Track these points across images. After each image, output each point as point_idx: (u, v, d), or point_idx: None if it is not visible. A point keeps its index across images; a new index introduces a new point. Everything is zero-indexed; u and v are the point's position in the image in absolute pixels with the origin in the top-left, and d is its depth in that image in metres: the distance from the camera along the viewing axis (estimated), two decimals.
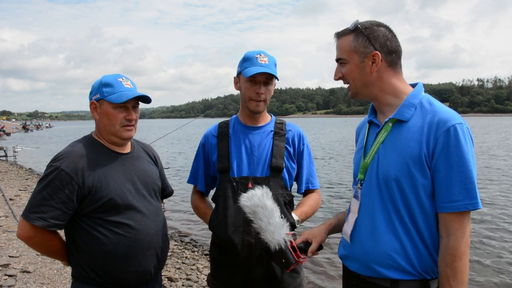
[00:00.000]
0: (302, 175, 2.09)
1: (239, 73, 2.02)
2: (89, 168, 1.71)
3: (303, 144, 2.10)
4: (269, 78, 1.96)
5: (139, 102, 1.87)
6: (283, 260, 1.66)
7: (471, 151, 1.35)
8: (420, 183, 1.38)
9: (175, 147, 28.53)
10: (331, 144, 28.15)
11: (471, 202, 1.33)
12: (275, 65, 2.01)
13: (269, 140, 2.02)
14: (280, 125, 2.08)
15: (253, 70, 1.91)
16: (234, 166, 1.98)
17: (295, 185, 2.14)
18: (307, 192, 2.14)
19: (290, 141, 2.05)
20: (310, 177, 2.12)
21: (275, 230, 1.65)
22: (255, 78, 1.94)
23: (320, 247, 1.73)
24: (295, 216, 1.95)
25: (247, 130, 2.05)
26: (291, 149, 2.04)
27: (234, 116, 2.15)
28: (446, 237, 1.36)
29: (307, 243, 1.71)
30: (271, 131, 2.05)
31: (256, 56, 1.97)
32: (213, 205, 2.07)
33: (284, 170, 1.99)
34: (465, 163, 1.32)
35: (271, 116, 2.14)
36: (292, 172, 2.04)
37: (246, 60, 1.98)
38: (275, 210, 1.69)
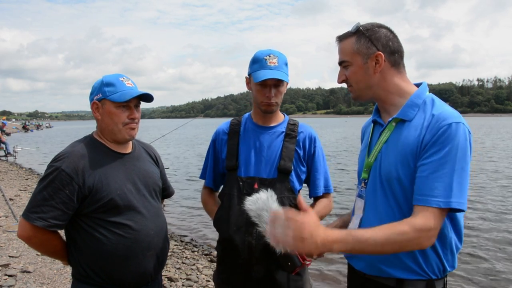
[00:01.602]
0: (315, 179, 2.04)
1: (250, 74, 1.98)
2: (90, 168, 1.71)
3: (315, 147, 2.04)
4: (279, 80, 1.91)
5: (140, 102, 1.86)
6: (289, 263, 1.65)
7: (464, 151, 1.31)
8: None
9: (175, 147, 28.51)
10: (332, 145, 28.13)
11: (448, 200, 1.28)
12: (286, 64, 1.96)
13: (279, 142, 1.99)
14: (292, 126, 2.03)
15: (261, 75, 1.88)
16: (242, 165, 1.97)
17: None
18: (319, 197, 2.07)
19: (301, 144, 2.01)
20: (327, 180, 2.07)
21: None
22: (265, 82, 1.90)
23: None
24: None
25: (258, 129, 2.03)
26: (301, 152, 2.00)
27: (247, 114, 2.13)
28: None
29: None
30: (283, 132, 2.02)
31: (265, 57, 1.91)
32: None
33: (293, 173, 1.95)
34: (454, 161, 1.29)
35: (284, 115, 2.10)
36: (301, 176, 2.01)
37: (256, 62, 1.93)
38: None
